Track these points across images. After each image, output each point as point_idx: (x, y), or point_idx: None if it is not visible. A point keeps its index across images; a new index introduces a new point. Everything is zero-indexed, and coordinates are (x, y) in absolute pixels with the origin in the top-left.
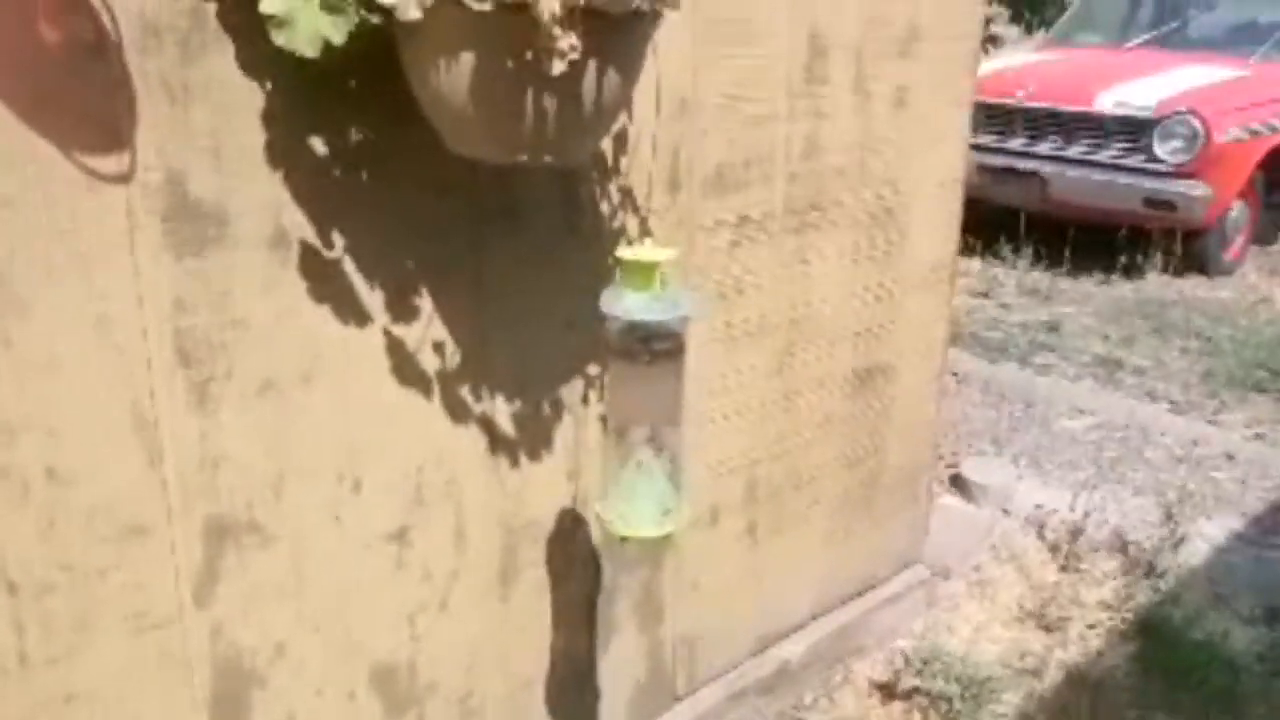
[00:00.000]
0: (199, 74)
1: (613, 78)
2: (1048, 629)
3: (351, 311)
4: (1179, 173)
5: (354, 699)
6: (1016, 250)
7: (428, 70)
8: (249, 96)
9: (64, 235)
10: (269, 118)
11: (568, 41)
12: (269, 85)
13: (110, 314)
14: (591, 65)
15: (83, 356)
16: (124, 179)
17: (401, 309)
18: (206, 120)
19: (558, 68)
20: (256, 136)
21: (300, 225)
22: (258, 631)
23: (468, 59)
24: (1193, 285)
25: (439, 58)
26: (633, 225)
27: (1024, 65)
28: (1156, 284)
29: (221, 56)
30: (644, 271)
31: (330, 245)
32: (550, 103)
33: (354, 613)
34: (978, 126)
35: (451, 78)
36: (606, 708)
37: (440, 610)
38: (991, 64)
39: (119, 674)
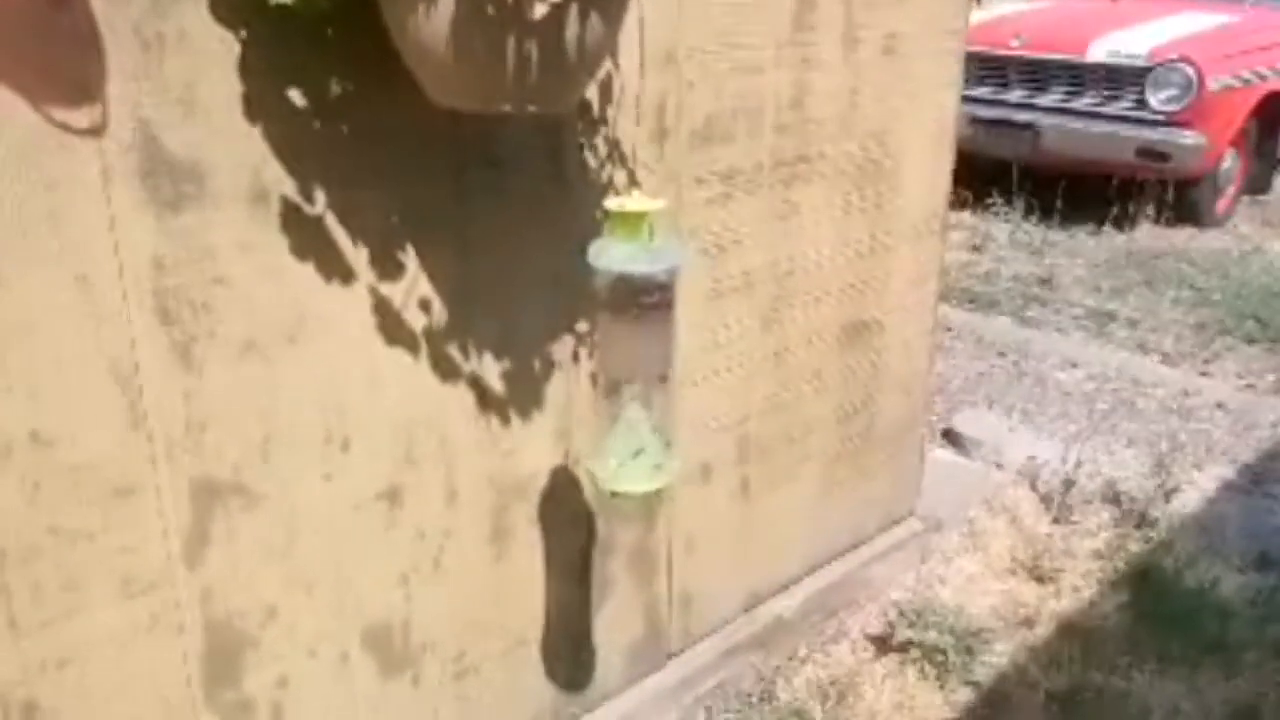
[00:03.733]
0: (172, 24)
1: (595, 22)
2: (1040, 580)
3: (335, 268)
4: (1171, 122)
5: (347, 660)
6: (1009, 203)
7: (406, 17)
8: (224, 47)
9: (38, 193)
10: (245, 69)
11: None
12: (244, 35)
13: (89, 274)
14: (573, 9)
15: (62, 317)
16: (96, 133)
17: (386, 265)
18: (180, 72)
19: (539, 11)
20: (233, 89)
21: (280, 180)
22: (249, 593)
23: (446, 4)
24: (1185, 236)
25: (417, 3)
26: (620, 178)
27: (1017, 14)
28: (1149, 235)
29: (195, 5)
30: (632, 222)
31: (311, 201)
32: (531, 48)
33: (346, 573)
34: (969, 77)
35: (431, 24)
36: (601, 664)
37: (433, 570)
38: (984, 13)
39: (111, 637)
